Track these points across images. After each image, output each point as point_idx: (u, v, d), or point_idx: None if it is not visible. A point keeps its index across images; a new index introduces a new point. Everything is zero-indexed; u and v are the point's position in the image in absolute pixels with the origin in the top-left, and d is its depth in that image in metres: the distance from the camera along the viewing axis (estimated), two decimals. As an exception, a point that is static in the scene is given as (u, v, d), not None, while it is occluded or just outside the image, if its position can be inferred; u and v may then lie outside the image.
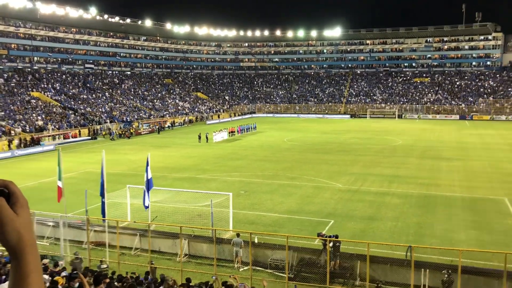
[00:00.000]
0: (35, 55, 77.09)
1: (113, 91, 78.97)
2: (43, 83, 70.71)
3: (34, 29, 77.28)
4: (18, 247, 1.16)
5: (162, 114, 75.14)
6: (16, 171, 35.13)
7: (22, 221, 1.17)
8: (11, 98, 60.08)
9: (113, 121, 63.82)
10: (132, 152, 43.32)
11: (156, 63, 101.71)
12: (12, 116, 54.31)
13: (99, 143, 51.67)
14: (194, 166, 35.88)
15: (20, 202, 1.19)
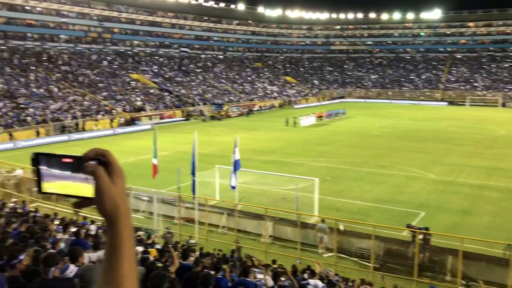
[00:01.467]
0: (135, 39, 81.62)
1: (206, 74, 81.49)
2: (142, 65, 74.81)
3: (135, 14, 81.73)
4: (114, 216, 1.17)
5: (251, 98, 76.25)
6: (117, 148, 37.65)
7: (118, 191, 1.18)
8: (114, 79, 64.35)
9: (205, 103, 65.95)
10: (222, 134, 44.50)
11: (247, 47, 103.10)
12: (114, 96, 58.18)
13: (191, 124, 53.74)
14: (280, 150, 36.06)
15: (116, 172, 1.20)
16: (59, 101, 51.07)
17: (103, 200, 1.16)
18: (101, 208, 1.17)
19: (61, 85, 56.21)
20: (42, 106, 48.26)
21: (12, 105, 46.15)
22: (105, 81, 62.38)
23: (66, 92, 54.64)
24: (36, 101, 48.99)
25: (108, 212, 1.17)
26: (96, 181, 1.16)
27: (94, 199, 1.17)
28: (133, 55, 77.79)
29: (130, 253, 1.19)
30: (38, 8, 67.85)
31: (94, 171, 1.17)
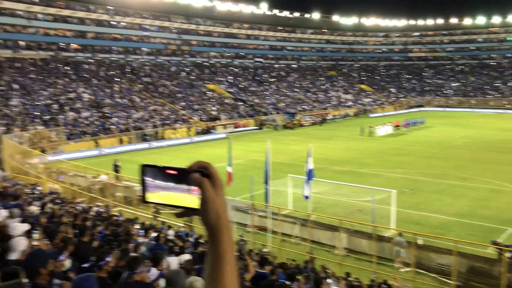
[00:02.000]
0: (212, 51, 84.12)
1: (279, 84, 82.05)
2: (218, 76, 76.88)
3: (212, 27, 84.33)
4: (216, 226, 1.22)
5: (324, 106, 75.58)
6: (193, 156, 38.87)
7: (220, 202, 1.23)
8: (191, 90, 66.70)
9: (278, 112, 66.35)
10: (295, 143, 44.45)
11: (321, 56, 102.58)
12: (191, 106, 60.23)
13: (264, 133, 54.23)
14: (355, 160, 35.32)
15: (218, 184, 1.24)
16: (140, 110, 53.76)
17: (208, 211, 1.21)
18: (205, 219, 1.22)
19: (142, 96, 59.19)
20: (125, 115, 51.05)
21: (98, 115, 49.24)
22: (183, 92, 64.81)
23: (147, 102, 57.41)
24: (119, 111, 51.93)
25: (212, 223, 1.22)
26: (202, 193, 1.21)
27: (199, 210, 1.23)
28: (209, 66, 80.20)
29: (232, 263, 1.23)
30: (122, 23, 72.12)
31: (201, 183, 1.22)
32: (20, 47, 59.38)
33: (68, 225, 8.29)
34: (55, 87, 52.94)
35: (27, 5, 60.84)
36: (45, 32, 63.01)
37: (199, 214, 1.23)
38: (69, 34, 65.82)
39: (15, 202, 12.49)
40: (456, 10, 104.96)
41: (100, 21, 69.43)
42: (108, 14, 69.77)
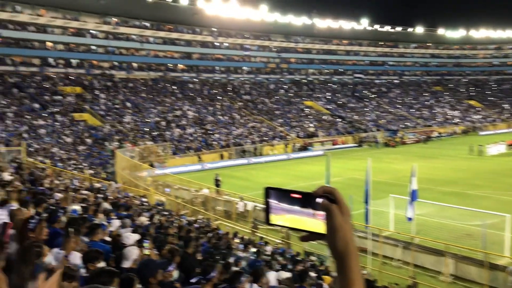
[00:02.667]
0: (310, 68, 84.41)
1: (380, 100, 79.83)
2: (316, 93, 76.82)
3: (310, 44, 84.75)
4: (344, 254, 1.20)
5: (429, 123, 71.95)
6: (290, 172, 39.02)
7: (348, 229, 1.21)
8: (289, 107, 67.35)
9: (379, 129, 64.44)
10: (397, 161, 42.75)
11: (425, 71, 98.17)
12: (289, 123, 60.75)
13: (364, 151, 52.89)
14: (463, 181, 33.01)
15: (344, 210, 1.23)
16: (240, 127, 55.39)
17: (336, 237, 1.20)
18: (333, 245, 1.21)
19: (242, 113, 60.98)
20: (226, 132, 52.92)
21: (201, 131, 51.58)
22: (281, 109, 65.70)
23: (247, 119, 59.01)
24: (221, 127, 53.96)
25: (339, 250, 1.20)
26: (330, 218, 1.21)
27: (324, 235, 1.22)
28: (307, 83, 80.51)
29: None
30: (225, 44, 75.26)
31: (329, 210, 1.21)
32: (133, 68, 64.46)
33: (175, 237, 8.70)
34: (163, 105, 56.52)
35: (140, 30, 65.98)
36: (155, 54, 67.77)
37: (325, 240, 1.23)
38: (176, 55, 70.14)
39: (126, 212, 13.41)
40: None
41: (205, 42, 73.09)
42: (212, 35, 73.27)
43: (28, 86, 50.98)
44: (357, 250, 1.22)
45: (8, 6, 54.23)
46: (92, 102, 52.02)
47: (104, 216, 10.10)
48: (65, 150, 38.76)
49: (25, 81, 51.86)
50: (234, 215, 24.24)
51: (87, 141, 42.47)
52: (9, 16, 53.78)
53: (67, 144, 40.70)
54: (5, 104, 44.92)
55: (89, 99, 52.42)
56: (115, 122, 48.62)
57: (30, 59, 55.96)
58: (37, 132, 41.14)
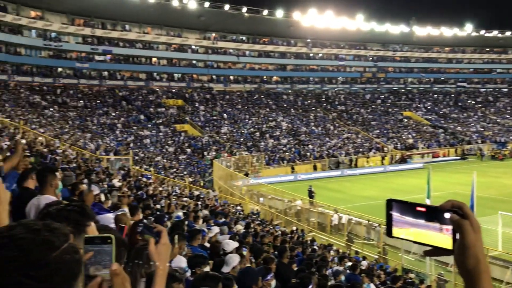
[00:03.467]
0: (409, 77, 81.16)
1: (486, 110, 74.44)
2: (415, 102, 73.62)
3: (409, 52, 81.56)
4: (474, 272, 1.15)
5: (544, 135, 65.49)
6: (387, 186, 37.67)
7: (480, 246, 1.16)
8: (386, 117, 65.26)
9: (484, 141, 60.04)
10: (506, 176, 39.50)
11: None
12: (386, 134, 58.82)
13: (468, 164, 49.55)
14: None
15: (476, 226, 1.18)
16: (334, 138, 54.73)
17: (467, 255, 1.15)
18: (463, 263, 1.16)
19: (336, 124, 60.24)
20: (319, 143, 52.58)
21: (294, 142, 51.78)
22: (377, 119, 63.87)
23: (341, 130, 58.18)
24: (314, 138, 53.73)
25: (469, 268, 1.15)
26: (462, 235, 1.16)
27: (451, 251, 1.18)
28: (406, 93, 77.48)
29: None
30: (319, 54, 75.09)
31: (461, 226, 1.17)
32: (230, 81, 66.69)
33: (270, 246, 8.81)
34: (258, 117, 57.69)
35: (237, 44, 68.15)
36: (251, 67, 69.55)
37: (454, 256, 1.18)
38: (271, 67, 71.37)
39: (223, 220, 13.85)
40: None
41: (299, 53, 73.54)
42: (306, 46, 73.51)
43: (135, 99, 54.93)
44: (488, 269, 1.17)
45: (118, 25, 59.02)
46: (192, 113, 54.65)
47: (204, 223, 10.51)
48: (167, 159, 41.04)
49: (132, 94, 55.96)
50: (329, 228, 23.93)
51: (187, 151, 44.62)
52: (119, 35, 58.49)
53: (169, 153, 43.08)
54: (114, 115, 48.74)
55: (190, 111, 55.13)
56: (213, 132, 50.55)
57: (137, 74, 60.37)
58: (142, 142, 44.06)
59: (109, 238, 1.40)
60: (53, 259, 1.06)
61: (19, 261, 1.03)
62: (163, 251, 1.61)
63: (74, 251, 1.13)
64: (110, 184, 12.33)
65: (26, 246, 1.05)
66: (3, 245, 1.05)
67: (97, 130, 43.52)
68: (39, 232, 1.09)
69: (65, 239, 1.12)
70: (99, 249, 1.37)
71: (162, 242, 1.61)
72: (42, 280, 1.04)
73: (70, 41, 55.29)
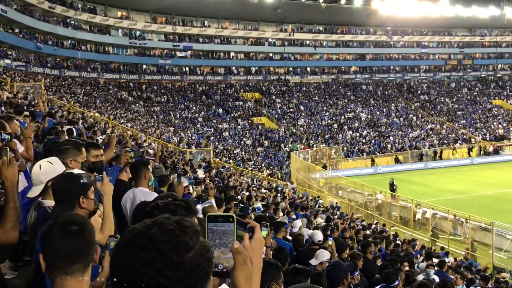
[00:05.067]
0: (499, 63, 75.67)
1: None
2: (506, 90, 68.62)
3: (500, 36, 75.95)
4: None
5: None
6: (474, 179, 35.60)
7: None
8: (473, 107, 61.50)
9: None
10: None
11: None
12: (473, 124, 55.47)
13: None
14: None
15: None
16: (417, 129, 52.56)
17: None
18: None
19: (419, 114, 57.78)
20: (401, 134, 50.76)
21: (374, 134, 50.42)
22: (464, 109, 60.41)
23: (424, 121, 55.71)
24: (395, 129, 51.95)
25: None
26: None
27: None
28: (496, 80, 72.40)
29: None
30: (400, 42, 72.21)
31: None
32: (307, 73, 66.23)
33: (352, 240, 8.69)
34: (335, 108, 56.84)
35: (314, 35, 67.41)
36: (328, 58, 68.54)
37: None
38: (349, 57, 69.82)
39: (303, 212, 13.86)
40: None
41: (379, 42, 71.23)
42: (387, 35, 71.02)
43: (214, 93, 56.36)
44: None
45: (198, 21, 60.74)
46: (269, 106, 55.03)
47: (285, 215, 10.59)
48: (245, 151, 41.77)
49: (212, 88, 57.47)
50: (412, 222, 23.10)
51: (264, 143, 45.10)
52: (199, 31, 60.20)
53: (247, 146, 43.81)
54: (195, 110, 50.39)
55: (266, 104, 55.57)
56: (290, 125, 50.59)
57: (216, 69, 61.86)
58: (221, 135, 45.19)
59: (231, 217, 1.42)
60: (188, 259, 1.11)
61: (158, 263, 1.07)
62: (257, 246, 1.64)
63: (206, 250, 1.17)
64: (195, 176, 12.78)
65: (164, 248, 1.09)
66: (143, 248, 1.10)
67: (180, 124, 45.28)
68: (174, 232, 1.13)
69: (197, 238, 1.16)
70: (223, 228, 1.39)
71: (256, 237, 1.64)
72: (179, 281, 1.08)
73: (153, 39, 57.85)
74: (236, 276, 1.39)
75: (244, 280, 1.40)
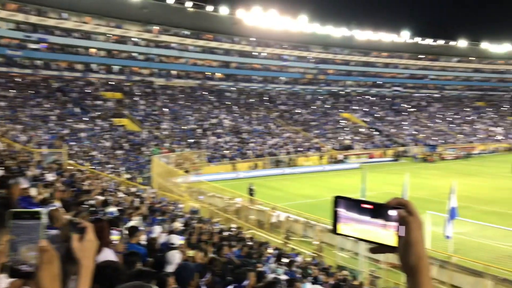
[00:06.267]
0: (348, 79, 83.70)
1: (419, 114, 78.24)
2: (353, 105, 76.03)
3: (349, 55, 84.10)
4: (417, 269, 1.17)
5: (470, 140, 69.88)
6: (324, 184, 38.63)
7: (422, 243, 1.19)
8: (325, 118, 66.89)
9: (417, 144, 63.09)
10: (435, 178, 41.69)
11: (467, 85, 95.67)
12: (325, 134, 60.29)
13: (401, 165, 51.82)
14: (505, 200, 31.78)
15: (419, 224, 1.20)
16: (275, 137, 55.38)
17: (410, 251, 1.17)
18: (405, 259, 1.18)
19: (278, 123, 60.99)
20: (261, 141, 53.01)
21: (236, 140, 51.86)
22: (317, 120, 65.32)
23: (282, 129, 58.96)
24: (256, 137, 54.10)
25: (411, 264, 1.17)
26: (408, 231, 1.17)
27: (396, 248, 1.19)
28: (345, 95, 79.83)
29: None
30: (263, 54, 75.67)
31: (408, 222, 1.18)
32: (172, 76, 65.66)
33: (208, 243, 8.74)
34: (200, 113, 57.23)
35: (180, 38, 67.22)
36: (194, 62, 68.86)
37: (397, 253, 1.19)
38: (214, 64, 71.03)
39: (161, 217, 13.57)
40: None
41: (243, 52, 73.71)
42: (250, 45, 73.85)
43: (71, 90, 52.71)
44: (429, 266, 1.19)
45: (54, 13, 56.34)
46: (131, 108, 53.25)
47: (140, 220, 10.24)
48: (103, 154, 39.73)
49: (68, 85, 53.66)
50: (267, 225, 24.15)
51: (124, 146, 43.42)
52: (55, 23, 55.88)
53: (105, 148, 41.73)
54: (48, 107, 46.53)
55: (129, 105, 53.68)
56: (153, 128, 49.54)
57: (74, 65, 57.93)
58: (77, 135, 42.37)
59: (38, 213, 1.35)
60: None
61: None
62: (88, 247, 1.52)
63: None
64: (43, 178, 11.74)
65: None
66: None
67: (30, 122, 41.36)
68: None
69: None
70: (29, 224, 1.31)
71: (87, 238, 1.53)
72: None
73: (2, 27, 52.18)
74: (41, 276, 1.31)
75: (49, 280, 1.32)
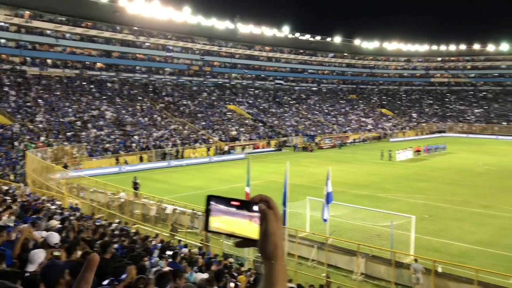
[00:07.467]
0: (233, 72, 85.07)
1: (299, 106, 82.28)
2: (239, 97, 77.53)
3: (234, 48, 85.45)
4: (272, 256, 1.30)
5: (344, 130, 75.36)
6: (212, 175, 39.03)
7: (279, 233, 1.32)
8: (212, 110, 67.32)
9: (297, 134, 66.37)
10: (314, 165, 44.28)
11: (342, 79, 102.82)
12: (211, 126, 60.71)
13: (283, 155, 54.19)
14: (374, 184, 34.97)
15: (278, 217, 1.34)
16: (161, 129, 54.41)
17: (268, 241, 1.29)
18: (263, 249, 1.30)
19: (163, 115, 59.96)
20: (146, 133, 51.71)
21: (120, 132, 49.98)
22: (203, 112, 65.47)
23: (168, 121, 58.11)
24: (141, 129, 52.64)
25: (268, 253, 1.30)
26: (266, 223, 1.30)
27: (258, 240, 1.31)
28: (230, 87, 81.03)
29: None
30: (147, 44, 73.62)
31: (266, 214, 1.31)
32: (47, 65, 61.02)
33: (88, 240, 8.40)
34: (79, 105, 54.07)
35: (56, 25, 62.70)
36: (71, 51, 64.72)
37: (257, 245, 1.31)
38: (94, 53, 67.43)
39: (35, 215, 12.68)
40: (479, 36, 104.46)
41: (125, 41, 71.04)
42: (133, 34, 71.38)
43: None
44: (284, 255, 1.33)
45: None
46: (1, 99, 48.53)
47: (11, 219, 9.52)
48: (-33, 150, 35.80)
49: None
50: (152, 219, 23.78)
51: (-7, 141, 39.52)
52: None
53: (-31, 143, 37.63)
54: None
55: (-3, 96, 48.85)
56: (26, 121, 45.73)
57: None
58: None
59: None
60: None
61: None
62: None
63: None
64: None
65: None
66: None
67: None
68: None
69: None
70: None
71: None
72: None
73: None
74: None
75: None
